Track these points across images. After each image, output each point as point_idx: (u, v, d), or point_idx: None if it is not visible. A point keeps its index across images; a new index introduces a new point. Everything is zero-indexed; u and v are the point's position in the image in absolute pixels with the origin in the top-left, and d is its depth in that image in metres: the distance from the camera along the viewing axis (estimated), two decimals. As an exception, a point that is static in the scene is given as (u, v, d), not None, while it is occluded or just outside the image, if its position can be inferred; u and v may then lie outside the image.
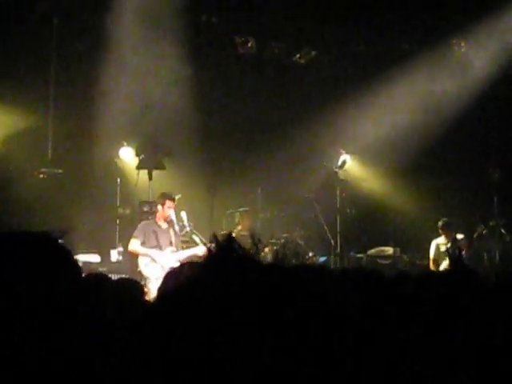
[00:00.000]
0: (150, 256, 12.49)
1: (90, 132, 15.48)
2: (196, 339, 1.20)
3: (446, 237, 14.60)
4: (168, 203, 12.92)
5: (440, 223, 14.72)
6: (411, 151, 17.03)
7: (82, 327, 1.80)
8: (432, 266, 14.50)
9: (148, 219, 13.31)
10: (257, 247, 1.51)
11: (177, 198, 13.47)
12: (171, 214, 12.92)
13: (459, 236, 14.67)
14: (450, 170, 17.23)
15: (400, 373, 2.39)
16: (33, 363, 1.69)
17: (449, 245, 14.49)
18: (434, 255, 14.66)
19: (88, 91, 15.24)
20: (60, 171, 15.08)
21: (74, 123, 15.31)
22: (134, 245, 12.64)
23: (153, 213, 13.44)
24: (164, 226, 12.88)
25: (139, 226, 12.87)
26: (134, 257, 13.09)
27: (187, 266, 5.10)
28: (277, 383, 1.18)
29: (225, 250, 1.36)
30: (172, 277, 4.91)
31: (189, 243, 13.24)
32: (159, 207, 13.01)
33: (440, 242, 14.68)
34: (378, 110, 17.35)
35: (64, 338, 1.75)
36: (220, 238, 1.40)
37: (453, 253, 14.34)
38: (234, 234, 6.23)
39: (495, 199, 15.95)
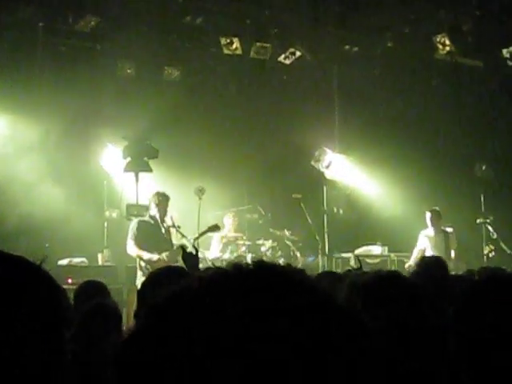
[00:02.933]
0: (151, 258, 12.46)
1: (76, 134, 15.41)
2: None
3: (435, 228, 14.48)
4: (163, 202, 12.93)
5: (429, 214, 14.58)
6: (399, 150, 17.07)
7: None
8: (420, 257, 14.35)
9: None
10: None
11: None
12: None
13: (449, 229, 14.63)
14: (437, 168, 17.25)
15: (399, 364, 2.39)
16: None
17: (437, 236, 14.40)
18: (422, 245, 14.53)
19: (73, 94, 15.18)
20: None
21: (59, 125, 15.23)
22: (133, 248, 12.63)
23: (140, 215, 13.42)
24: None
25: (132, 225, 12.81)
26: (124, 260, 13.14)
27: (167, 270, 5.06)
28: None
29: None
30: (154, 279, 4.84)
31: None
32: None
33: (429, 234, 14.57)
34: (364, 109, 17.37)
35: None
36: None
37: (441, 245, 14.34)
38: (220, 236, 6.22)
39: (482, 196, 16.00)
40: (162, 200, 12.94)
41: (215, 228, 13.52)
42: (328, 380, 1.15)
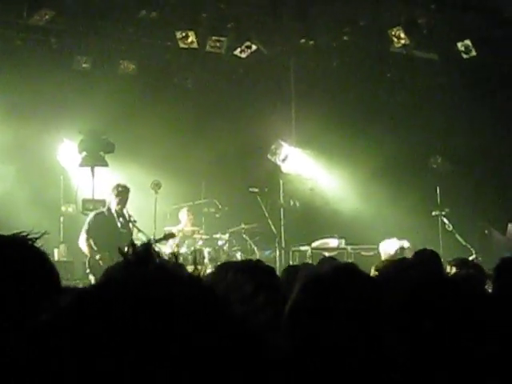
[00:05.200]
0: None
1: (32, 129, 15.32)
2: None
3: None
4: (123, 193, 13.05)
5: None
6: (355, 143, 17.14)
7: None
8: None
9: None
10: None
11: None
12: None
13: (406, 245, 14.17)
14: (394, 161, 17.32)
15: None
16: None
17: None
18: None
19: (28, 88, 15.09)
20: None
21: (14, 120, 15.13)
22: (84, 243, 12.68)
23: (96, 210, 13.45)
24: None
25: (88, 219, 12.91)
26: (81, 255, 13.16)
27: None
28: None
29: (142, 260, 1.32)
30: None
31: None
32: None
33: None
34: (321, 102, 17.41)
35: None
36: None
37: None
38: (177, 231, 6.23)
39: (438, 188, 16.08)
40: (122, 191, 13.03)
41: (171, 236, 13.54)
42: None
